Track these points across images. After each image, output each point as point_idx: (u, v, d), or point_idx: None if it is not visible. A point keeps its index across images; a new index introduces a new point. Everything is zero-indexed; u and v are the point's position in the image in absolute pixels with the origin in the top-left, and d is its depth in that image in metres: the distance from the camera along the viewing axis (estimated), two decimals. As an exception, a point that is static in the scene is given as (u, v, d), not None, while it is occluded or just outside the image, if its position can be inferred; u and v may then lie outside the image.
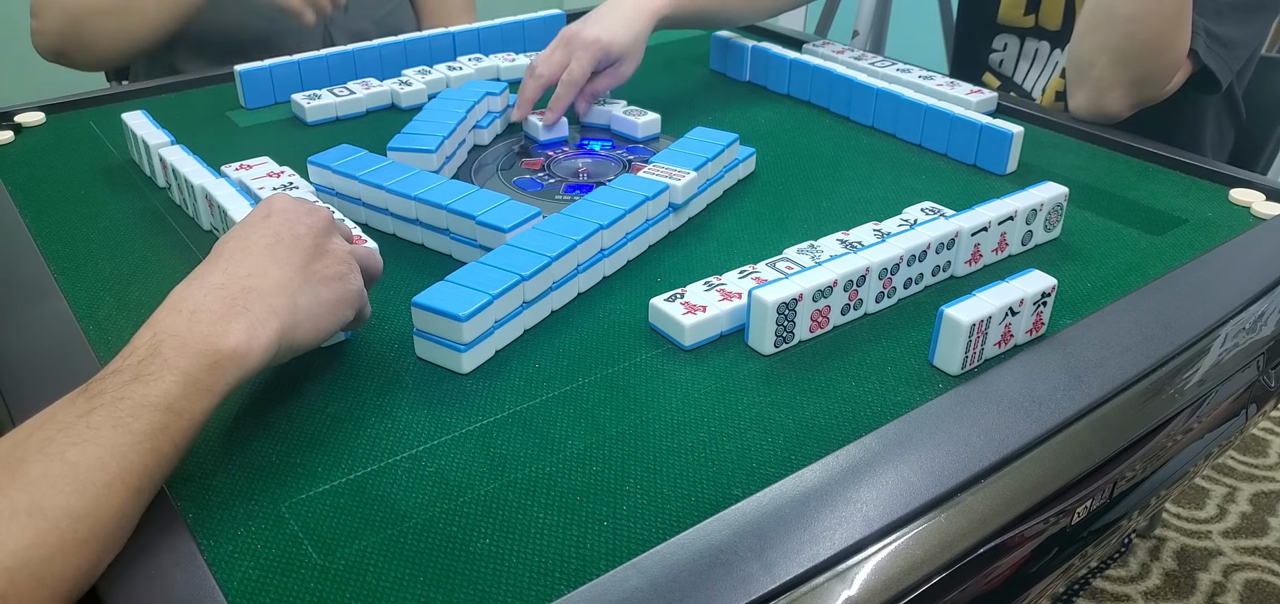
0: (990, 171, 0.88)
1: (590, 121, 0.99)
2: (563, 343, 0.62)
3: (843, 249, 0.68)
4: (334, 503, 0.48)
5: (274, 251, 0.52)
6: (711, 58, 1.17)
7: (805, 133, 0.98)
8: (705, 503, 0.49)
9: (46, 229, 0.76)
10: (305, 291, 0.52)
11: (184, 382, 0.45)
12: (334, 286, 0.54)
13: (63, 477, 0.40)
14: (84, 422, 0.42)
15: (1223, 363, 0.63)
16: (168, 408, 0.44)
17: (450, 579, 0.44)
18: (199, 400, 0.46)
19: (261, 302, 0.49)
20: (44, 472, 0.40)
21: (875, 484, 0.49)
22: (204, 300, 0.48)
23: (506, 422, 0.55)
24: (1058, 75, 1.14)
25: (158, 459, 0.44)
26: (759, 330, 0.61)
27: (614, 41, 0.93)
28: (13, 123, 0.96)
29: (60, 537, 0.39)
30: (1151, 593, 1.37)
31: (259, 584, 0.44)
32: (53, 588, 0.39)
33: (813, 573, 0.44)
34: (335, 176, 0.77)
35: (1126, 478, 0.56)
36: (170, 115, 0.96)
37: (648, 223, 0.73)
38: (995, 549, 0.49)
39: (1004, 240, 0.72)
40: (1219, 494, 1.54)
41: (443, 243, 0.73)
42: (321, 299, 0.53)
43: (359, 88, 1.02)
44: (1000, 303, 0.58)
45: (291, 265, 0.52)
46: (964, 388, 0.57)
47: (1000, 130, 0.87)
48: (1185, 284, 0.69)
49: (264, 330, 0.48)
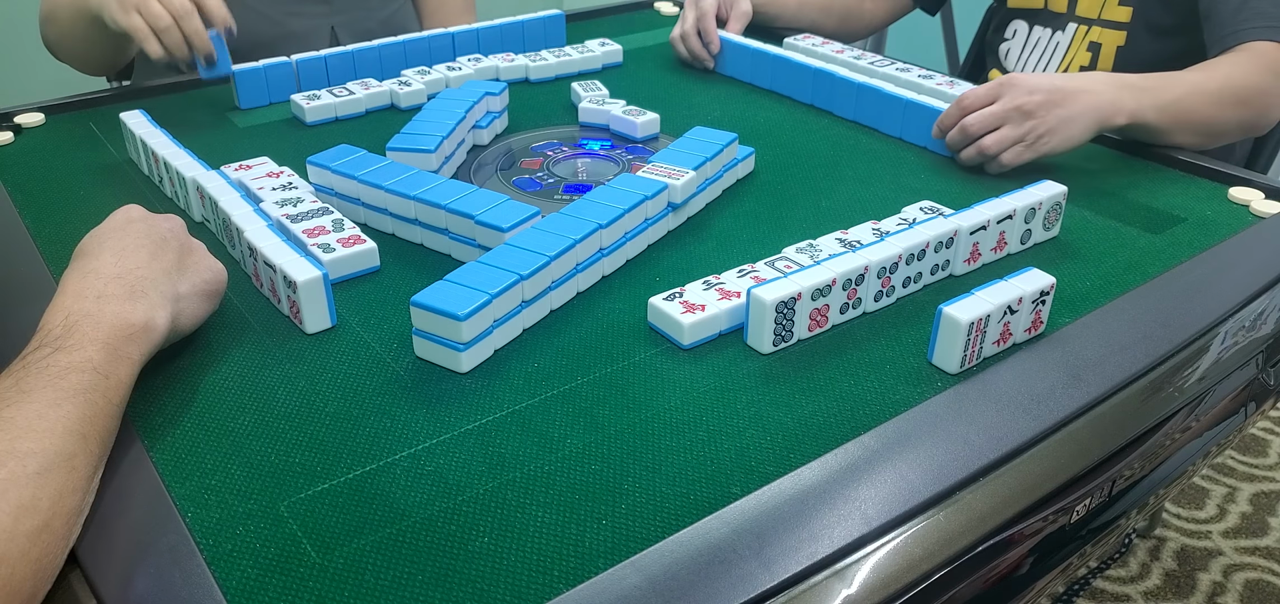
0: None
1: (589, 121, 1.00)
2: (561, 342, 0.62)
3: (841, 248, 0.68)
4: (333, 502, 0.48)
5: (151, 249, 0.58)
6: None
7: (804, 132, 0.98)
8: (704, 501, 0.49)
9: (46, 229, 0.76)
10: (184, 281, 0.59)
11: (104, 349, 0.50)
12: (205, 277, 0.61)
13: (5, 425, 0.43)
14: (16, 388, 0.46)
15: (1221, 361, 0.63)
16: (94, 369, 0.48)
17: (449, 578, 0.44)
18: (121, 366, 0.51)
19: (154, 288, 0.56)
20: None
21: (874, 482, 0.49)
22: (105, 287, 0.53)
23: (505, 420, 0.55)
24: (1059, 66, 1.14)
25: (93, 411, 0.47)
26: (758, 329, 0.61)
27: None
28: (13, 123, 0.96)
29: (11, 469, 0.42)
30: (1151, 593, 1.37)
31: (258, 583, 0.44)
32: (15, 516, 0.40)
33: (811, 571, 0.44)
34: (334, 176, 0.77)
35: (1125, 476, 0.56)
36: (170, 116, 0.96)
37: (647, 222, 0.73)
38: (994, 547, 0.49)
39: (1003, 239, 0.72)
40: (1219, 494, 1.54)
41: (442, 242, 0.73)
42: (196, 288, 0.60)
43: (358, 88, 1.02)
44: (999, 301, 0.59)
45: (168, 260, 0.58)
46: (962, 386, 0.57)
47: None
48: (1184, 283, 0.69)
49: (162, 312, 0.55)
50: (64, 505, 0.43)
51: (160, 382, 0.57)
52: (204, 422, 0.54)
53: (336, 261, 0.68)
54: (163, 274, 0.57)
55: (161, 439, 0.53)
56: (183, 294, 0.58)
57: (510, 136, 0.97)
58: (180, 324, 0.58)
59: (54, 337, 0.50)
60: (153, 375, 0.57)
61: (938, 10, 1.35)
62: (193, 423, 0.54)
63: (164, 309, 0.55)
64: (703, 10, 1.15)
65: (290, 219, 0.72)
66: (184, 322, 0.59)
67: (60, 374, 0.47)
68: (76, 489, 0.44)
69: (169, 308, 0.56)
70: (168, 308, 0.56)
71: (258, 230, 0.67)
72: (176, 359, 0.60)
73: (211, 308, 0.62)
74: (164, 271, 0.57)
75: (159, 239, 0.59)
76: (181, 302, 0.58)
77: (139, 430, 0.53)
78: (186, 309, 0.59)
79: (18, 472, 0.41)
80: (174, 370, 0.59)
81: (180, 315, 0.58)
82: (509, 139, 0.97)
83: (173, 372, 0.58)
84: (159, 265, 0.57)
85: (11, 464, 0.42)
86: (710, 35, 1.14)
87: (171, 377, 0.58)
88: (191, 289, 0.59)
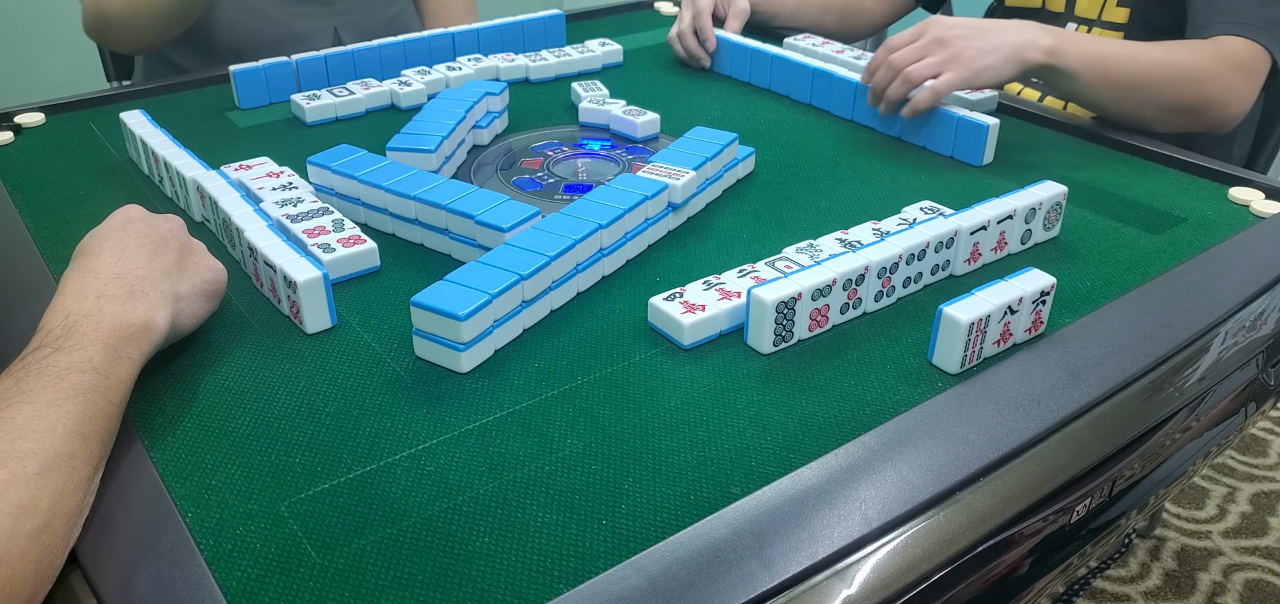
0: (968, 163, 0.89)
1: (589, 121, 1.00)
2: (562, 342, 0.62)
3: (842, 248, 0.68)
4: (333, 502, 0.48)
5: (151, 249, 0.58)
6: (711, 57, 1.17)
7: (804, 132, 0.98)
8: (704, 501, 0.49)
9: (46, 229, 0.76)
10: (184, 281, 0.59)
11: (104, 349, 0.50)
12: (205, 277, 0.61)
13: (5, 426, 0.43)
14: (16, 388, 0.46)
15: (1222, 361, 0.63)
16: (94, 370, 0.48)
17: (449, 578, 0.44)
18: (121, 366, 0.50)
19: (154, 288, 0.56)
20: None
21: (874, 483, 0.49)
22: (105, 287, 0.53)
23: (505, 421, 0.55)
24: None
25: (93, 411, 0.47)
26: (758, 329, 0.61)
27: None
28: (13, 123, 0.96)
29: (11, 470, 0.41)
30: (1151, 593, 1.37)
31: (258, 583, 0.44)
32: (16, 517, 0.40)
33: (812, 571, 0.44)
34: (334, 177, 0.77)
35: (1125, 476, 0.56)
36: (170, 115, 0.96)
37: (647, 222, 0.73)
38: (994, 547, 0.49)
39: (1003, 239, 0.72)
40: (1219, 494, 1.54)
41: (442, 242, 0.73)
42: (196, 288, 0.60)
43: (358, 88, 1.02)
44: (999, 301, 0.59)
45: (168, 260, 0.59)
46: (963, 387, 0.57)
47: (976, 122, 0.88)
48: (1184, 283, 0.69)
49: (162, 311, 0.55)
50: (64, 506, 0.43)
51: (160, 382, 0.57)
52: (204, 422, 0.54)
53: (336, 261, 0.68)
54: (163, 274, 0.57)
55: (161, 439, 0.53)
56: (183, 294, 0.59)
57: (510, 136, 0.97)
58: (180, 324, 0.58)
59: (54, 337, 0.50)
60: (153, 375, 0.57)
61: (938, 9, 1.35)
62: (193, 423, 0.54)
63: (164, 309, 0.56)
64: (699, 9, 1.15)
65: (290, 219, 0.72)
66: (184, 321, 0.59)
67: (60, 374, 0.47)
68: (77, 489, 0.44)
69: (169, 308, 0.56)
70: (168, 308, 0.56)
71: (258, 230, 0.67)
72: (176, 359, 0.60)
73: (211, 308, 0.62)
74: (164, 272, 0.58)
75: (159, 239, 0.59)
76: (181, 301, 0.58)
77: (139, 430, 0.53)
78: (186, 309, 0.59)
79: (18, 472, 0.41)
80: (174, 370, 0.59)
81: (180, 315, 0.58)
82: (509, 139, 0.97)
83: (173, 372, 0.58)
84: (159, 265, 0.57)
85: (12, 465, 0.42)
86: (706, 34, 1.14)
87: (171, 377, 0.58)
88: (191, 289, 0.59)
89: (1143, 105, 0.92)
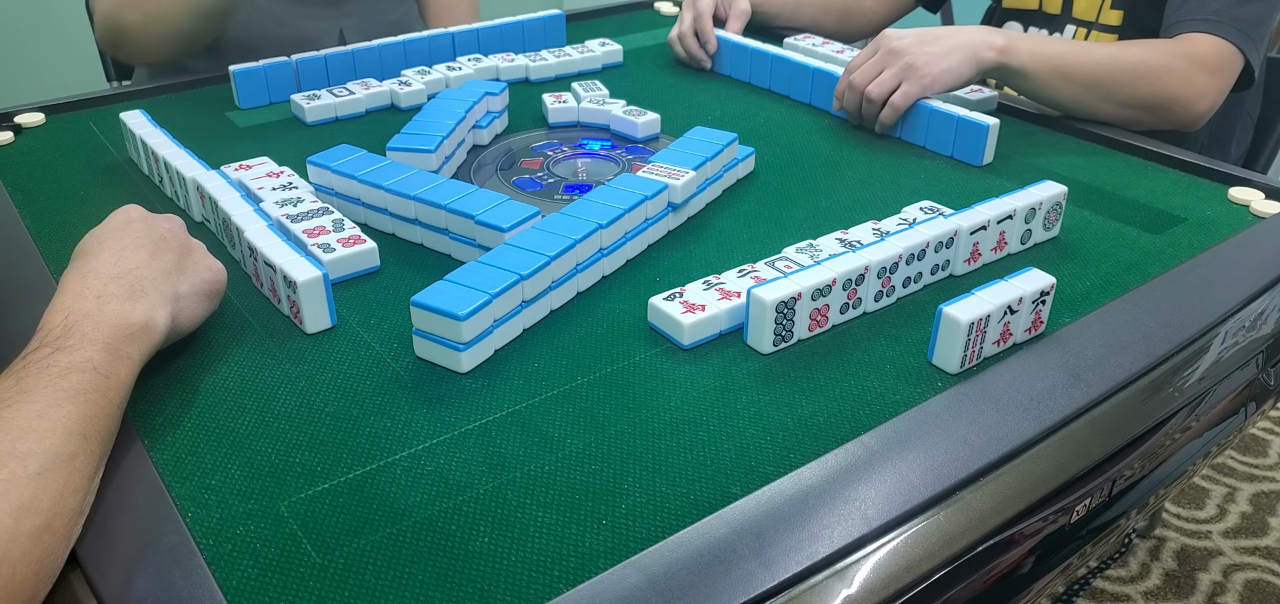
0: (968, 163, 0.89)
1: (589, 121, 1.00)
2: (561, 342, 0.63)
3: (841, 248, 0.68)
4: (333, 502, 0.48)
5: (151, 249, 0.58)
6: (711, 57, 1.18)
7: (804, 132, 0.98)
8: (704, 501, 0.49)
9: (46, 229, 0.76)
10: (184, 281, 0.59)
11: (104, 349, 0.50)
12: (205, 276, 0.61)
13: (5, 426, 0.43)
14: (17, 388, 0.46)
15: (1222, 361, 0.63)
16: (94, 369, 0.48)
17: (449, 578, 0.44)
18: (121, 365, 0.50)
19: (154, 287, 0.56)
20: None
21: (874, 482, 0.49)
22: (105, 287, 0.53)
23: (505, 421, 0.55)
24: None
25: (94, 411, 0.47)
26: (758, 329, 0.61)
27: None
28: (13, 123, 0.96)
29: (12, 470, 0.41)
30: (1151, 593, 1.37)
31: (258, 583, 0.44)
32: (16, 517, 0.40)
33: (812, 571, 0.44)
34: (334, 176, 0.77)
35: (1125, 476, 0.56)
36: (169, 115, 0.96)
37: (647, 222, 0.73)
38: (994, 547, 0.49)
39: (1003, 239, 0.72)
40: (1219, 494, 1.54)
41: (442, 242, 0.73)
42: (196, 287, 0.60)
43: (358, 88, 1.02)
44: (999, 301, 0.59)
45: (168, 260, 0.59)
46: (963, 386, 0.57)
47: (976, 122, 0.88)
48: (1184, 283, 0.69)
49: (162, 311, 0.55)
50: (65, 506, 0.43)
51: (160, 382, 0.57)
52: (204, 422, 0.54)
53: (336, 261, 0.68)
54: (162, 274, 0.57)
55: (161, 439, 0.53)
56: (183, 294, 0.59)
57: (510, 136, 0.97)
58: (180, 324, 0.58)
59: (54, 336, 0.50)
60: (153, 375, 0.57)
61: (938, 9, 1.35)
62: (193, 423, 0.54)
63: (164, 309, 0.56)
64: (700, 10, 1.15)
65: (290, 219, 0.72)
66: (184, 321, 0.59)
67: (60, 374, 0.47)
68: (77, 489, 0.44)
69: (169, 308, 0.56)
70: (168, 308, 0.56)
71: (258, 230, 0.67)
72: (176, 359, 0.60)
73: (211, 308, 0.62)
74: (164, 271, 0.58)
75: (159, 239, 0.59)
76: (181, 301, 0.58)
77: (139, 430, 0.53)
78: (186, 309, 0.59)
79: (18, 472, 0.41)
80: (174, 370, 0.59)
81: (180, 315, 0.58)
82: (509, 139, 0.97)
83: (173, 372, 0.58)
84: (159, 265, 0.58)
85: (12, 465, 0.42)
86: (707, 36, 1.14)
87: (171, 377, 0.58)
88: (191, 289, 0.59)
89: (1101, 102, 0.93)
